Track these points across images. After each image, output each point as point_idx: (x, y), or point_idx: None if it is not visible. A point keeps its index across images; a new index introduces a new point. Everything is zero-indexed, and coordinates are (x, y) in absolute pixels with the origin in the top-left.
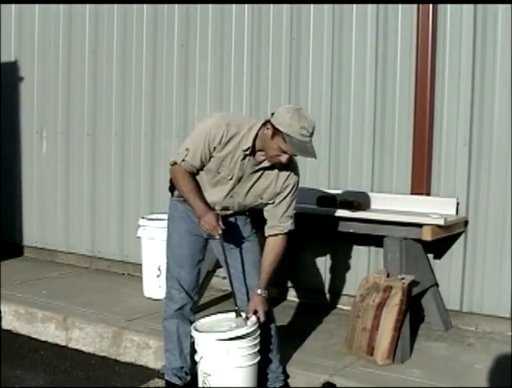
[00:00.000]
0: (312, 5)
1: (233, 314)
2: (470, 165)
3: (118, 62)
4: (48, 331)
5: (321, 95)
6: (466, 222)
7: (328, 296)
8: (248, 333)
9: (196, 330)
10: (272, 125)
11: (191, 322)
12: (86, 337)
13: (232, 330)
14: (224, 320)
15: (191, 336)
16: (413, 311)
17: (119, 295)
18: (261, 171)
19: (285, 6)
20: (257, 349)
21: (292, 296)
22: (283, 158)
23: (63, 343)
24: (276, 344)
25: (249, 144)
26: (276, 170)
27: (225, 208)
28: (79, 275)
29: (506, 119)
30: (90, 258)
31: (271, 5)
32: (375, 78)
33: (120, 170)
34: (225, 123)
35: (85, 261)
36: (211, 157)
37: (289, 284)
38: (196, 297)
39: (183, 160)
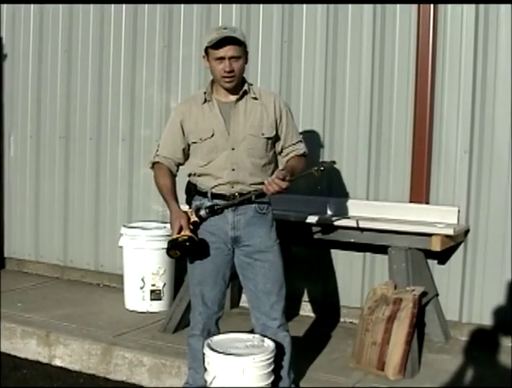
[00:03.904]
0: (304, 5)
1: (248, 335)
2: (470, 172)
3: (94, 63)
4: (29, 347)
5: (313, 100)
6: (466, 231)
7: (325, 308)
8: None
9: (210, 347)
10: (204, 54)
11: None
12: (71, 354)
13: (249, 354)
14: (238, 340)
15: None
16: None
17: (100, 307)
18: (239, 104)
19: (276, 6)
20: (272, 368)
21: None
22: (226, 66)
23: (45, 361)
24: (288, 361)
25: (207, 87)
26: (258, 101)
27: (236, 181)
28: (52, 286)
29: (507, 125)
30: (61, 267)
31: (261, 5)
32: (372, 82)
33: (96, 176)
34: (182, 101)
35: (55, 271)
36: (185, 136)
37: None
38: (221, 313)
39: (157, 155)
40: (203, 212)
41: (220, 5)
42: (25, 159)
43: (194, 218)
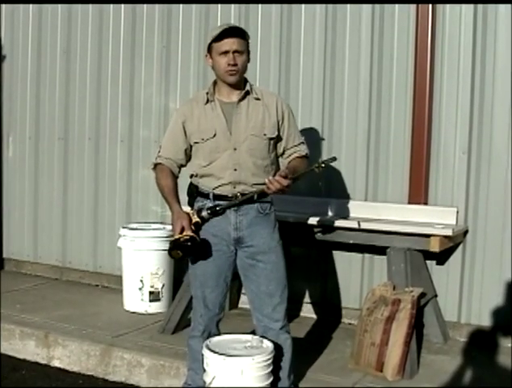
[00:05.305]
0: (303, 5)
1: (247, 336)
2: (469, 173)
3: (92, 63)
4: (28, 348)
5: (311, 100)
6: (465, 232)
7: (324, 309)
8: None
9: (209, 349)
10: (207, 52)
11: None
12: (70, 355)
13: (248, 355)
14: (237, 341)
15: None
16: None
17: (99, 308)
18: (241, 105)
19: (274, 6)
20: (271, 368)
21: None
22: (230, 60)
23: (44, 362)
24: (288, 363)
25: (210, 87)
26: (260, 102)
27: (238, 181)
28: (51, 287)
29: (506, 125)
30: (60, 268)
31: (259, 5)
32: (370, 82)
33: (94, 177)
34: (183, 103)
35: (54, 272)
36: (187, 137)
37: None
38: (222, 314)
39: (159, 156)
40: (204, 213)
41: (219, 5)
42: (24, 160)
43: (195, 219)
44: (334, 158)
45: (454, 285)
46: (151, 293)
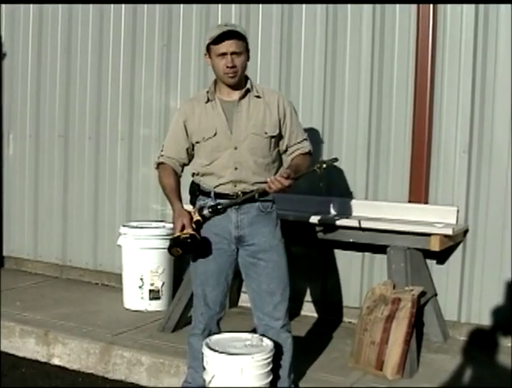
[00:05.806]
0: (304, 5)
1: (247, 335)
2: (469, 172)
3: (93, 62)
4: (28, 346)
5: (312, 100)
6: (465, 231)
7: (324, 307)
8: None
9: (209, 347)
10: (206, 52)
11: None
12: (70, 353)
13: (247, 353)
14: (237, 339)
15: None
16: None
17: (98, 306)
18: (242, 103)
19: (275, 6)
20: (270, 367)
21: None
22: (228, 62)
23: (44, 360)
24: (289, 362)
25: (210, 86)
26: (261, 100)
27: (239, 180)
28: (51, 285)
29: (507, 124)
30: (60, 267)
31: (260, 5)
32: (371, 82)
33: (94, 175)
34: (185, 102)
35: (54, 270)
36: (188, 136)
37: None
38: (223, 313)
39: (161, 155)
40: (206, 212)
41: (220, 5)
42: (24, 158)
43: (197, 217)
44: (336, 159)
45: (454, 284)
46: (151, 291)
